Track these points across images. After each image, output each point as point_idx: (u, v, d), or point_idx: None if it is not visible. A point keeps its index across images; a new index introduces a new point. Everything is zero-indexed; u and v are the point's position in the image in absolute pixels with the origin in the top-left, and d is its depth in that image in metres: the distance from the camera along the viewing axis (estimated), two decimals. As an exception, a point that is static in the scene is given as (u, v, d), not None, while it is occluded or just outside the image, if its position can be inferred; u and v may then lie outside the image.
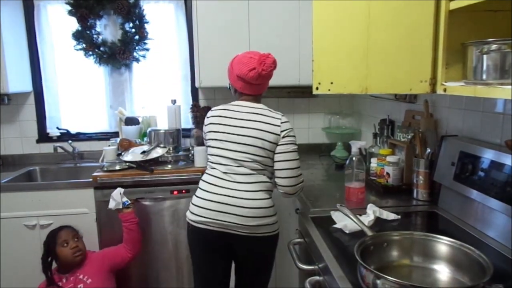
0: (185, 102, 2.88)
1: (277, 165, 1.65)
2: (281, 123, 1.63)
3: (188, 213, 1.71)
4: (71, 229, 2.20)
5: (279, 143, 1.63)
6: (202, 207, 1.65)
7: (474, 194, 1.38)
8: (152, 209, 2.33)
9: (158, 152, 2.43)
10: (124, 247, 2.20)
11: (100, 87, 2.84)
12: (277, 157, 1.64)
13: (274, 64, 1.66)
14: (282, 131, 1.62)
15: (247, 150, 1.63)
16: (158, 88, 2.87)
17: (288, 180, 1.64)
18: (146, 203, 2.32)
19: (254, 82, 1.68)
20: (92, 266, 2.16)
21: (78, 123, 2.88)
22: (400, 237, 1.16)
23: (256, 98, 1.74)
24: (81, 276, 2.12)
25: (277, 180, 1.66)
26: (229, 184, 1.64)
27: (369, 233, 1.14)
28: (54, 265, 2.16)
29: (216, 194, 1.64)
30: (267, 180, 1.67)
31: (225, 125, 1.68)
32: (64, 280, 2.12)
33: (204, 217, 1.64)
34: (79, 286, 2.09)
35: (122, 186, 2.22)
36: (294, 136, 1.66)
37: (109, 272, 2.19)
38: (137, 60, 2.77)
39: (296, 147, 1.66)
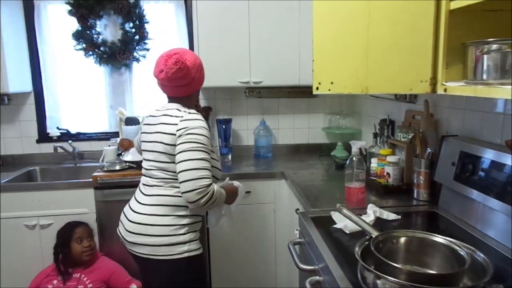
0: (185, 102, 2.88)
1: (176, 169, 1.42)
2: (180, 121, 1.44)
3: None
4: (87, 227, 2.25)
5: (177, 143, 1.42)
6: (120, 225, 1.59)
7: (475, 194, 1.38)
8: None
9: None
10: (129, 281, 2.21)
11: (100, 87, 2.84)
12: (175, 159, 1.42)
13: (176, 65, 1.44)
14: (178, 130, 1.43)
15: (152, 157, 1.51)
16: (158, 88, 2.87)
17: (184, 184, 1.38)
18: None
19: (167, 84, 1.52)
20: (99, 272, 2.18)
21: (78, 123, 2.87)
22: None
23: (182, 101, 1.57)
24: (84, 278, 2.15)
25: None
26: (141, 198, 1.55)
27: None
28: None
29: (130, 210, 1.55)
30: (171, 194, 1.49)
31: (144, 132, 1.62)
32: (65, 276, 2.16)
33: (121, 236, 1.58)
34: (79, 287, 2.13)
35: (122, 187, 2.22)
36: (196, 134, 1.42)
37: (109, 285, 2.21)
38: (137, 60, 2.78)
39: (196, 145, 1.41)
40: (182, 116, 1.45)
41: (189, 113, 1.47)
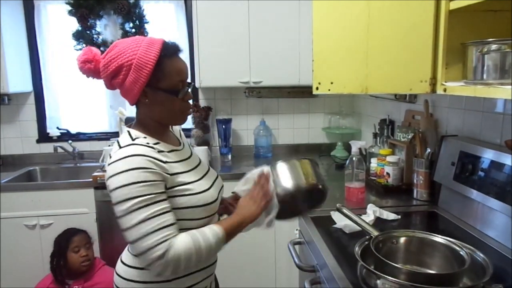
0: (185, 102, 2.88)
1: None
2: (107, 167, 1.01)
3: None
4: (86, 235, 2.19)
5: None
6: None
7: (474, 194, 1.38)
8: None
9: (158, 152, 2.43)
10: None
11: (100, 87, 2.83)
12: None
13: (82, 58, 1.15)
14: (107, 185, 1.00)
15: None
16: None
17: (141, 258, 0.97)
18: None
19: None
20: (101, 286, 2.12)
21: (78, 123, 2.88)
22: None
23: (138, 113, 1.19)
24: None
25: None
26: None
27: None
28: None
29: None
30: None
31: None
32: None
33: None
34: None
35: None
36: (117, 188, 0.96)
37: None
38: (137, 60, 2.77)
39: (125, 205, 0.97)
40: (110, 159, 1.01)
41: (121, 147, 1.02)
